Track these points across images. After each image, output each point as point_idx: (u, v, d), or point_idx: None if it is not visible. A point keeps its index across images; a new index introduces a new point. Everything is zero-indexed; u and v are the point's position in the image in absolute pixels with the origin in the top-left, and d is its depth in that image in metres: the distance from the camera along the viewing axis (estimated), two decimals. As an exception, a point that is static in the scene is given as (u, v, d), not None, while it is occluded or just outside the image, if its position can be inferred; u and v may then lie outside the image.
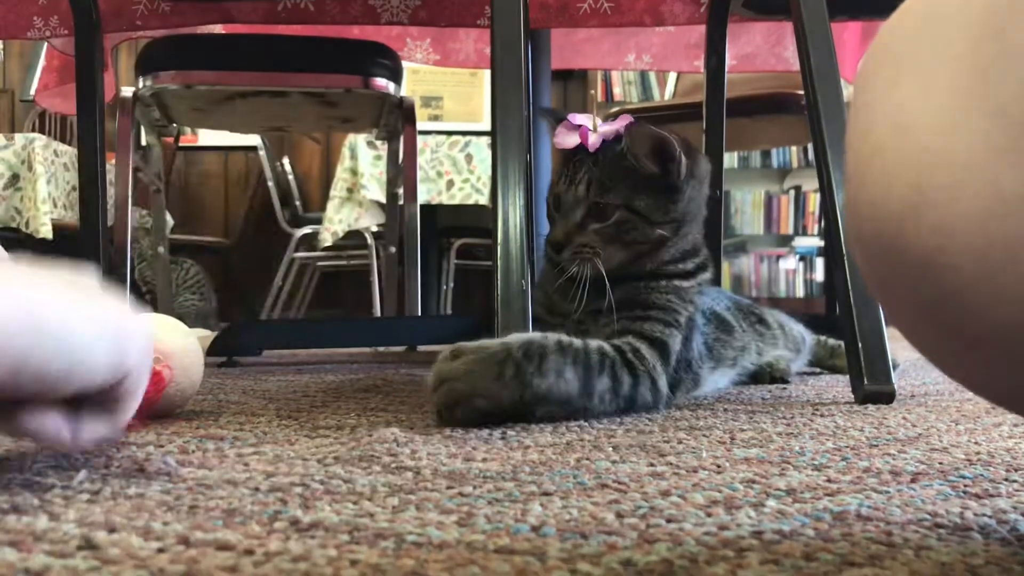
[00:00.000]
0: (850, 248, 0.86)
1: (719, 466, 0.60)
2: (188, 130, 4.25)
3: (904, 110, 0.35)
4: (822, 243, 4.38)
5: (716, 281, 1.13)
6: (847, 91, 1.03)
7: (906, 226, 0.35)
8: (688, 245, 1.01)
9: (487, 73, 1.91)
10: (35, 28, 1.66)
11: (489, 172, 2.65)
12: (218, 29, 1.93)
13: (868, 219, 0.37)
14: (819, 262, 4.80)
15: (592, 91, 4.76)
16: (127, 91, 1.71)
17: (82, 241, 1.50)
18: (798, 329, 1.35)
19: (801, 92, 1.15)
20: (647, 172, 0.94)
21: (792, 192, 4.85)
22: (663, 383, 0.90)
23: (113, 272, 1.59)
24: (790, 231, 4.84)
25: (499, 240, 0.94)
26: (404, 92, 1.86)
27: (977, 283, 0.33)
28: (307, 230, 3.74)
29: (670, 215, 0.96)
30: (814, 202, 4.74)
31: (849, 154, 0.39)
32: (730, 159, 4.66)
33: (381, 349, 2.00)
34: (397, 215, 2.13)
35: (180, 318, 0.90)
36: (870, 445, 0.70)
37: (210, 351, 1.48)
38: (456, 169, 3.23)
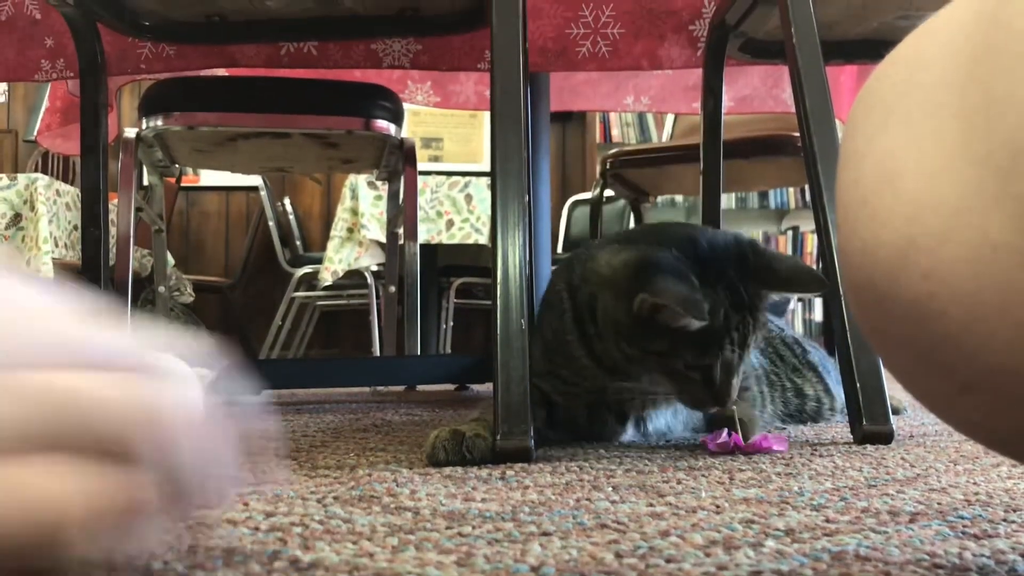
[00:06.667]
0: (844, 294, 0.86)
1: (718, 506, 0.61)
2: (190, 170, 4.27)
3: (892, 158, 0.36)
4: (820, 283, 4.38)
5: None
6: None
7: (897, 273, 0.35)
8: None
9: (487, 114, 1.93)
10: (43, 71, 1.68)
11: (488, 212, 2.66)
12: (221, 72, 1.95)
13: (859, 266, 0.37)
14: (817, 302, 4.80)
15: (590, 133, 4.81)
16: (130, 132, 1.72)
17: (83, 281, 1.51)
18: None
19: (798, 134, 1.17)
20: None
21: (790, 233, 4.87)
22: None
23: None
24: (788, 271, 4.84)
25: (499, 279, 0.94)
26: (405, 133, 1.88)
27: (968, 328, 0.33)
28: (307, 269, 3.75)
29: None
30: (811, 243, 4.75)
31: (839, 202, 0.39)
32: (728, 200, 4.69)
33: (380, 389, 2.00)
34: (397, 254, 2.13)
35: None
36: (868, 485, 0.70)
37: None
38: (456, 209, 3.25)
